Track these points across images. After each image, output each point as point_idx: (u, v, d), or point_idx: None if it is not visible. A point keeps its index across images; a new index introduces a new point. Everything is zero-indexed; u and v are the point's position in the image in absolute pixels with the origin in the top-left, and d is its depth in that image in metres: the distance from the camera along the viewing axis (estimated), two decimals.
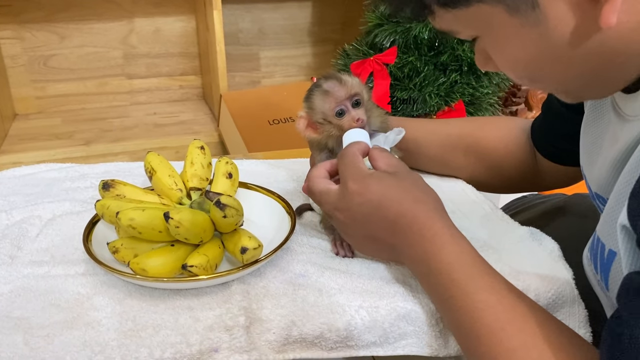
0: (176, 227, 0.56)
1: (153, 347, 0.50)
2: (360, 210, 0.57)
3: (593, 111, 0.59)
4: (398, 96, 1.31)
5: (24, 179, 0.82)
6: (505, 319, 0.49)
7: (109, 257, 0.59)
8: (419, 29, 1.24)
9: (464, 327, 0.51)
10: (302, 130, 0.65)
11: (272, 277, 0.59)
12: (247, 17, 1.92)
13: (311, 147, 0.70)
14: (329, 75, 0.64)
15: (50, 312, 0.54)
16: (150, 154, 0.70)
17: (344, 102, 0.62)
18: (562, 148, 0.73)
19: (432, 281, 0.54)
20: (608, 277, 0.49)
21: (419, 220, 0.55)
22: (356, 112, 0.62)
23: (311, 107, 0.64)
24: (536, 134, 0.78)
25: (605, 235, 0.50)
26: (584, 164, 0.61)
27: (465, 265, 0.53)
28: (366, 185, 0.57)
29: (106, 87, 1.86)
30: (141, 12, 1.80)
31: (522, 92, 1.56)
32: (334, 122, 0.63)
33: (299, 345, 0.54)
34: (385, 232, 0.57)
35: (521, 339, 0.48)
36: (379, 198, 0.56)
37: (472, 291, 0.51)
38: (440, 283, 0.53)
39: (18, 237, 0.66)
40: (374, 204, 0.56)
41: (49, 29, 1.74)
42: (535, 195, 0.96)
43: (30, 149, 1.56)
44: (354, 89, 0.63)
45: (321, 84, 0.63)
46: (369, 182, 0.57)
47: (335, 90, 0.62)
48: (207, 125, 1.75)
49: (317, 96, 0.63)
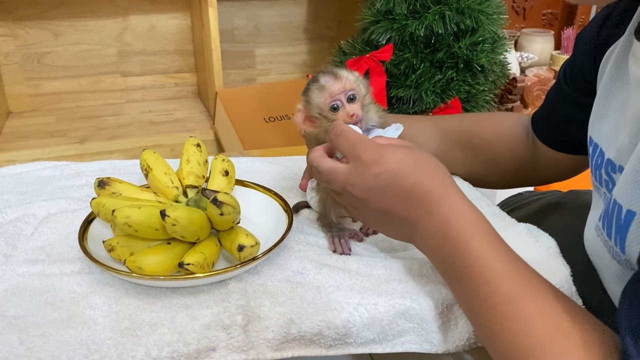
0: (173, 225, 0.55)
1: (150, 345, 0.50)
2: (376, 181, 0.55)
3: (612, 74, 0.58)
4: (394, 93, 1.31)
5: (19, 177, 0.82)
6: (523, 288, 0.49)
7: (104, 256, 0.59)
8: (415, 25, 1.24)
9: (479, 297, 0.50)
10: (299, 123, 0.65)
11: (270, 275, 0.59)
12: (242, 14, 1.91)
13: (308, 143, 0.69)
14: (326, 69, 0.64)
15: (45, 311, 0.53)
16: (146, 152, 0.70)
17: (339, 96, 0.62)
18: (567, 134, 0.73)
19: (448, 251, 0.53)
20: (625, 238, 0.49)
21: (436, 190, 0.55)
22: (351, 107, 0.62)
23: (308, 101, 0.64)
24: (538, 123, 0.78)
25: (624, 196, 0.49)
26: (594, 131, 0.60)
27: (483, 236, 0.52)
28: (382, 155, 0.56)
29: (101, 84, 1.85)
30: (136, 10, 1.79)
31: (518, 89, 1.57)
32: (328, 117, 0.63)
33: (297, 343, 0.53)
34: (401, 202, 0.55)
35: (538, 307, 0.48)
36: (396, 167, 0.55)
37: (490, 260, 0.50)
38: (457, 253, 0.52)
39: (13, 235, 0.65)
40: (391, 174, 0.55)
41: (43, 26, 1.73)
42: (531, 192, 0.96)
43: (24, 147, 1.55)
44: (349, 84, 0.63)
45: (318, 79, 0.63)
46: (384, 152, 0.56)
47: (330, 84, 0.62)
48: (202, 123, 1.75)
49: (313, 90, 0.63)
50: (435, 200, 0.54)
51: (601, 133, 0.59)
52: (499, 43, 1.34)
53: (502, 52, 1.36)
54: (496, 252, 0.51)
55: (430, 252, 0.56)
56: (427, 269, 0.60)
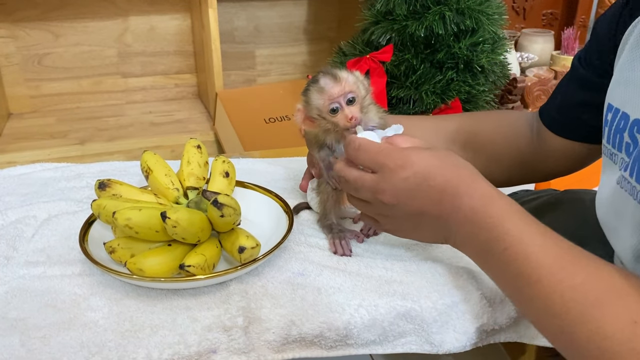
0: (173, 226, 0.55)
1: (151, 347, 0.50)
2: (406, 184, 0.56)
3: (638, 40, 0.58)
4: (394, 94, 1.31)
5: (19, 179, 0.82)
6: (565, 258, 0.49)
7: (105, 257, 0.59)
8: (415, 26, 1.24)
9: (522, 276, 0.50)
10: (299, 122, 0.65)
11: (271, 277, 0.59)
12: (242, 15, 1.91)
13: (309, 144, 0.69)
14: (326, 71, 0.64)
15: (46, 313, 0.53)
16: (147, 153, 0.70)
17: (338, 99, 0.62)
18: (582, 120, 0.73)
19: (483, 238, 0.53)
20: None
21: (464, 182, 0.55)
22: (350, 110, 0.62)
23: (307, 102, 0.64)
24: (549, 113, 0.77)
25: None
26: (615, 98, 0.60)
27: (516, 216, 0.53)
28: (407, 159, 0.56)
29: (101, 85, 1.85)
30: (136, 11, 1.79)
31: (518, 89, 1.57)
32: (327, 119, 0.63)
33: (298, 344, 0.53)
34: (432, 202, 0.56)
35: (585, 274, 0.47)
36: (424, 169, 0.55)
37: (527, 237, 0.51)
38: (492, 237, 0.52)
39: (13, 237, 0.65)
40: (420, 176, 0.55)
41: (43, 28, 1.73)
42: (526, 192, 0.96)
43: (24, 149, 1.55)
44: (349, 87, 0.62)
45: (318, 80, 0.63)
46: (408, 155, 0.56)
47: (330, 87, 0.62)
48: (202, 124, 1.75)
49: (313, 92, 0.63)
50: (464, 192, 0.55)
51: (625, 97, 0.59)
52: (499, 43, 1.34)
53: (502, 53, 1.36)
54: (531, 228, 0.52)
55: (466, 243, 0.56)
56: (427, 270, 0.61)
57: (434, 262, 0.62)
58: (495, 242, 0.52)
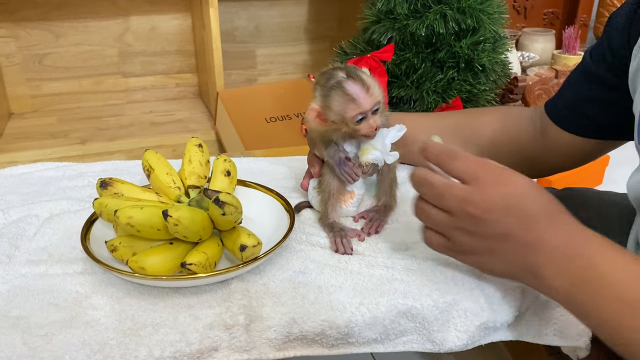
0: (175, 225, 0.56)
1: (152, 345, 0.50)
2: (502, 202, 0.53)
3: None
4: (395, 93, 1.31)
5: (21, 178, 0.82)
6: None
7: (107, 256, 0.59)
8: (416, 25, 1.24)
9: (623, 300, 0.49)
10: (310, 120, 0.64)
11: (272, 275, 0.59)
12: (243, 15, 1.91)
13: (312, 144, 0.69)
14: (352, 74, 0.61)
15: (48, 312, 0.54)
16: (148, 152, 0.70)
17: (367, 111, 0.61)
18: (590, 116, 0.72)
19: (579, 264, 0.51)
20: None
21: (557, 213, 0.53)
22: (374, 120, 0.62)
23: (328, 107, 0.62)
24: (556, 108, 0.77)
25: None
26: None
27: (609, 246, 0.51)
28: (508, 178, 0.54)
29: (102, 85, 1.85)
30: (137, 10, 1.79)
31: (519, 88, 1.56)
32: (350, 126, 0.62)
33: (299, 342, 0.54)
34: (522, 227, 0.53)
35: None
36: (523, 192, 0.53)
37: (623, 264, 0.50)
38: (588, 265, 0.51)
39: (15, 236, 0.66)
40: (517, 197, 0.53)
41: (44, 28, 1.73)
42: None
43: (25, 148, 1.55)
44: (377, 97, 0.62)
45: (343, 85, 0.61)
46: (511, 174, 0.54)
47: (361, 98, 0.60)
48: (203, 123, 1.75)
49: (339, 98, 0.61)
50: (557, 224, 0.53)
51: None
52: (500, 42, 1.34)
53: (504, 52, 1.36)
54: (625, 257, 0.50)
55: (557, 273, 0.52)
56: (428, 268, 0.61)
57: (435, 261, 0.62)
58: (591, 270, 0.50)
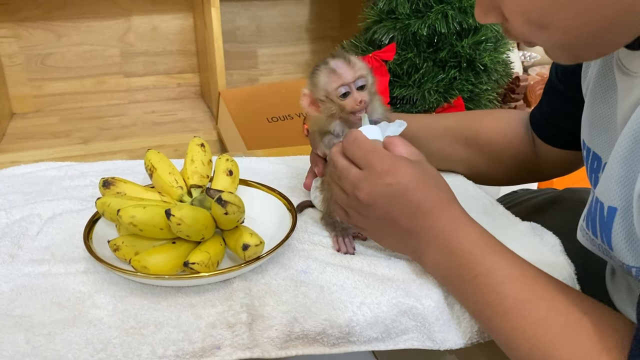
0: (177, 224, 0.56)
1: (155, 344, 0.50)
2: (387, 191, 0.57)
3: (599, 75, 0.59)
4: (397, 93, 1.31)
5: (23, 178, 0.82)
6: (531, 290, 0.50)
7: (109, 255, 0.59)
8: (417, 25, 1.24)
9: (490, 305, 0.51)
10: (305, 107, 0.65)
11: (274, 274, 0.59)
12: (244, 15, 1.91)
13: (313, 143, 0.69)
14: (338, 53, 0.64)
15: (51, 311, 0.54)
16: (151, 152, 0.70)
17: (350, 84, 0.62)
18: (564, 129, 0.73)
19: (454, 263, 0.54)
20: (610, 235, 0.50)
21: (441, 204, 0.57)
22: (359, 94, 0.62)
23: (315, 84, 0.63)
24: (536, 119, 0.78)
25: (604, 194, 0.50)
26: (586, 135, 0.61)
27: (487, 244, 0.54)
28: (395, 167, 0.57)
29: (104, 85, 1.86)
30: (138, 10, 1.80)
31: (520, 88, 1.56)
32: (336, 102, 0.63)
33: (301, 341, 0.54)
34: (406, 215, 0.57)
35: (547, 307, 0.49)
36: (408, 181, 0.57)
37: (496, 267, 0.52)
38: (462, 263, 0.54)
39: (18, 235, 0.66)
40: (402, 186, 0.57)
41: (46, 27, 1.73)
42: (526, 191, 0.97)
43: (28, 148, 1.56)
44: (361, 71, 0.62)
45: (328, 62, 0.63)
46: (399, 165, 0.57)
47: (343, 70, 0.62)
48: (205, 123, 1.75)
49: (323, 73, 0.63)
50: (439, 215, 0.56)
51: (593, 138, 0.60)
52: (502, 42, 1.34)
53: (505, 51, 1.36)
54: (500, 258, 0.53)
55: (435, 265, 0.57)
56: None
57: None
58: (466, 267, 0.53)
